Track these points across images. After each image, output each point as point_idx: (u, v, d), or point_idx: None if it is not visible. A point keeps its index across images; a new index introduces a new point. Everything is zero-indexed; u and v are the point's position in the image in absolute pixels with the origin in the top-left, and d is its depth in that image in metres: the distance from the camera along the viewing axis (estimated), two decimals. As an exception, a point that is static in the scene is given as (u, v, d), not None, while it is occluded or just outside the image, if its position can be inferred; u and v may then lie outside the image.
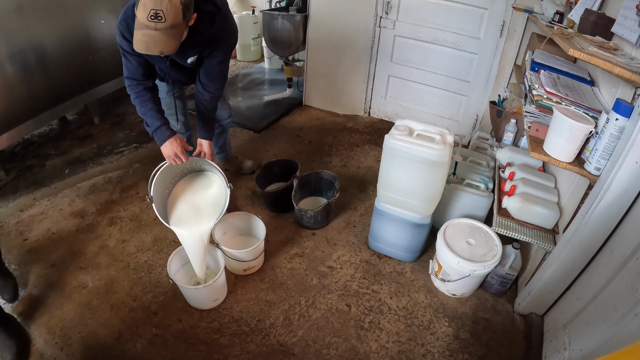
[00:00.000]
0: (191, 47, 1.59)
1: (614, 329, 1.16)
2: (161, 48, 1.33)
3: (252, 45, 4.83)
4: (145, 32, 1.29)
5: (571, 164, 1.38)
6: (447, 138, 1.69)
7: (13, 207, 2.29)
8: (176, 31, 1.33)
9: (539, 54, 1.82)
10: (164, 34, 1.30)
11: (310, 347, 1.63)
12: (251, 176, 2.59)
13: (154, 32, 1.29)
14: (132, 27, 1.35)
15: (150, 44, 1.31)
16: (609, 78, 1.52)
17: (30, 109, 2.43)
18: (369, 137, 3.24)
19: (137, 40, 1.31)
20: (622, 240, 1.30)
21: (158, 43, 1.31)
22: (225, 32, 1.67)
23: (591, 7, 1.67)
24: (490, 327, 1.74)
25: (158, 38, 1.30)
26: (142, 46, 1.31)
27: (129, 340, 1.62)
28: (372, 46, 3.22)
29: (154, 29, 1.28)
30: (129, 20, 1.46)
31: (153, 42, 1.31)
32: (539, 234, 1.69)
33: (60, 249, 2.02)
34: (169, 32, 1.31)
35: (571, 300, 1.53)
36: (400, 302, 1.84)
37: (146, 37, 1.30)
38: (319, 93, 3.66)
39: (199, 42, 1.59)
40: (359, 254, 2.09)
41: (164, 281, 1.86)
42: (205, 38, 1.59)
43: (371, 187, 2.61)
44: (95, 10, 2.68)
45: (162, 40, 1.31)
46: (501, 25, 2.71)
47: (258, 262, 1.93)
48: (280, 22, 3.30)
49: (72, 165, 2.68)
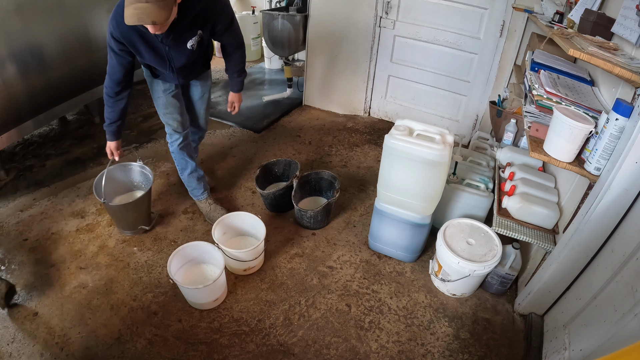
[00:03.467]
0: (186, 28, 1.62)
1: (614, 329, 1.16)
2: (153, 18, 1.35)
3: (252, 45, 4.83)
4: (136, 6, 1.33)
5: (571, 164, 1.38)
6: (447, 138, 1.69)
7: (13, 207, 2.29)
8: (166, 3, 1.37)
9: (539, 54, 1.82)
10: (154, 5, 1.34)
11: (310, 347, 1.63)
12: (251, 176, 2.59)
13: (144, 4, 1.33)
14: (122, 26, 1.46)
15: (142, 15, 1.34)
16: (609, 78, 1.52)
17: (30, 109, 2.43)
18: (369, 137, 3.25)
19: (128, 14, 1.34)
20: (622, 240, 1.30)
21: (149, 14, 1.34)
22: (217, 6, 1.67)
23: (591, 7, 1.67)
24: (490, 327, 1.74)
25: (149, 9, 1.33)
26: (133, 19, 1.34)
27: (128, 340, 1.62)
28: (372, 46, 3.22)
29: (145, 2, 1.32)
30: (119, 17, 1.50)
31: (144, 13, 1.34)
32: (539, 234, 1.69)
33: (60, 249, 2.02)
34: (159, 3, 1.35)
35: (571, 300, 1.53)
36: (400, 302, 1.84)
37: (137, 10, 1.33)
38: (319, 93, 3.66)
39: (193, 21, 1.61)
40: (359, 254, 2.09)
41: (164, 281, 1.86)
42: (197, 15, 1.60)
43: (371, 187, 2.61)
44: (95, 10, 2.68)
45: (153, 11, 1.34)
46: (501, 25, 2.71)
47: (258, 262, 1.93)
48: (280, 22, 3.30)
49: (72, 165, 2.68)
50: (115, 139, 1.87)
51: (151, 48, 1.64)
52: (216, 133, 3.19)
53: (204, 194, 2.22)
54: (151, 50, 1.65)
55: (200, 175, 2.18)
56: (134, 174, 2.22)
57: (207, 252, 1.84)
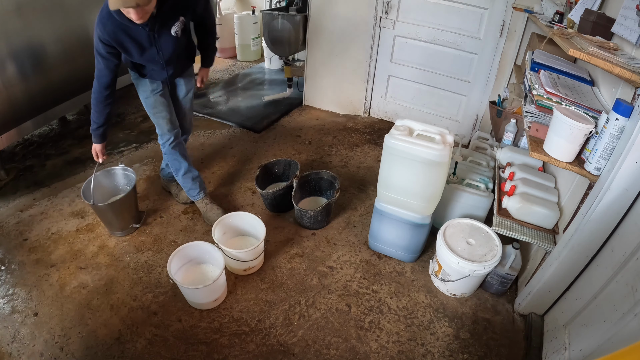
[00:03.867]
0: (169, 15, 1.67)
1: (614, 329, 1.16)
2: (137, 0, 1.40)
3: (252, 45, 4.84)
4: None
5: (571, 164, 1.38)
6: (447, 138, 1.69)
7: (13, 207, 2.29)
8: None
9: (539, 54, 1.82)
10: None
11: (310, 347, 1.63)
12: (251, 176, 2.59)
13: None
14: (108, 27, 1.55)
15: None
16: (609, 78, 1.52)
17: (30, 109, 2.42)
18: (369, 137, 3.25)
19: (112, 1, 1.40)
20: (622, 240, 1.30)
21: None
22: None
23: (591, 7, 1.67)
24: (490, 327, 1.74)
25: None
26: (118, 3, 1.40)
27: (129, 340, 1.62)
28: (372, 46, 3.22)
29: None
30: (104, 20, 1.57)
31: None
32: (539, 234, 1.69)
33: (60, 249, 2.02)
34: None
35: (571, 300, 1.53)
36: (400, 302, 1.84)
37: None
38: (318, 93, 3.66)
39: (174, 7, 1.67)
40: (359, 254, 2.09)
41: (164, 281, 1.86)
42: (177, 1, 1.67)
43: (371, 187, 2.61)
44: (95, 11, 2.66)
45: None
46: (501, 25, 2.71)
47: (258, 262, 1.93)
48: (280, 22, 3.30)
49: (72, 165, 2.68)
50: (101, 141, 1.91)
51: (138, 44, 1.67)
52: (216, 133, 3.19)
53: (201, 194, 2.21)
54: (138, 46, 1.68)
55: (195, 175, 2.17)
56: (118, 178, 2.23)
57: (207, 252, 1.84)
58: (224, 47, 4.95)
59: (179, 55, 1.87)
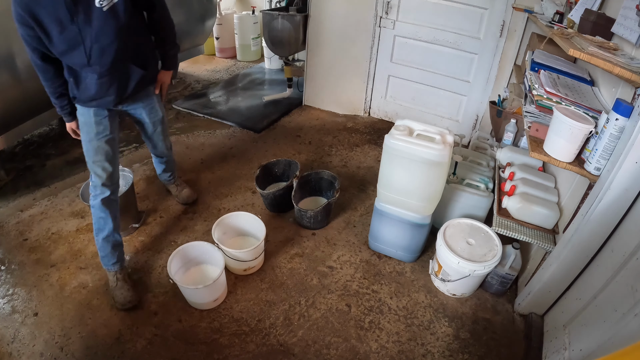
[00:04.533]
0: None
1: (614, 329, 1.16)
2: None
3: (252, 45, 4.84)
4: None
5: (571, 164, 1.38)
6: (447, 138, 1.69)
7: (13, 207, 2.29)
8: None
9: (539, 54, 1.82)
10: None
11: (310, 347, 1.63)
12: (251, 176, 2.59)
13: None
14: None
15: None
16: (609, 78, 1.52)
17: (30, 109, 2.42)
18: (369, 137, 3.25)
19: None
20: (622, 240, 1.30)
21: None
22: None
23: (591, 7, 1.67)
24: (490, 327, 1.74)
25: None
26: None
27: (128, 340, 1.62)
28: (372, 46, 3.22)
29: None
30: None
31: None
32: (539, 234, 1.69)
33: (60, 249, 2.02)
34: None
35: (571, 300, 1.53)
36: (400, 302, 1.84)
37: None
38: (319, 93, 3.66)
39: None
40: (359, 254, 2.09)
41: (164, 281, 1.86)
42: None
43: (371, 187, 2.61)
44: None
45: None
46: (501, 25, 2.71)
47: (258, 262, 1.94)
48: (280, 22, 3.30)
49: (72, 165, 2.68)
50: (73, 118, 1.67)
51: (56, 18, 1.33)
52: (216, 133, 3.19)
53: (115, 266, 1.78)
54: (57, 21, 1.34)
55: (117, 242, 1.78)
56: None
57: (207, 252, 1.84)
58: (224, 47, 4.96)
59: (118, 50, 1.47)
